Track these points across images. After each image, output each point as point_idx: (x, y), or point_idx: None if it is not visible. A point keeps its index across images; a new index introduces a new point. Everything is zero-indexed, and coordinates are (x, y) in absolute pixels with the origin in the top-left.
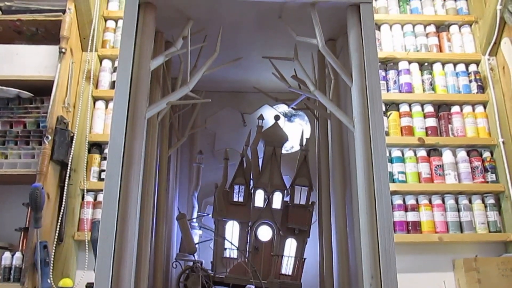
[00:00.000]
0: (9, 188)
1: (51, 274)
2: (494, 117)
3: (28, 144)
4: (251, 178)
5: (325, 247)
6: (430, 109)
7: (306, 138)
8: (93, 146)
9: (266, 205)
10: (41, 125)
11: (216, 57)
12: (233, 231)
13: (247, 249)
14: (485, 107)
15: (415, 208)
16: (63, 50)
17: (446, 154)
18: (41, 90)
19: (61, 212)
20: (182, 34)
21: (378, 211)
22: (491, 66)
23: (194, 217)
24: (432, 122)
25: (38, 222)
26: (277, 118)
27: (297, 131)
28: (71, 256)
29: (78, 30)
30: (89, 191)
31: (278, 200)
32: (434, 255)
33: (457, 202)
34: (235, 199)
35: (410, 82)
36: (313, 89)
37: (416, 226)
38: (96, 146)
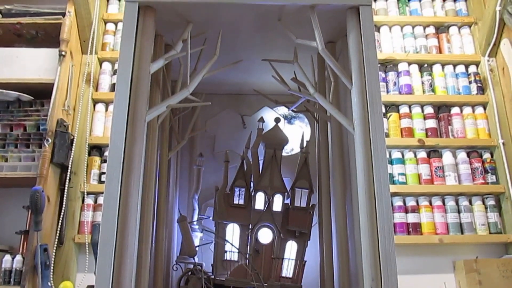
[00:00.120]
0: (9, 191)
1: (52, 277)
2: (494, 118)
3: (28, 147)
4: (252, 180)
5: (325, 250)
6: (430, 110)
7: (307, 141)
8: (93, 148)
9: (266, 207)
10: (41, 128)
11: (215, 60)
12: (233, 234)
13: (248, 251)
14: (485, 108)
15: (416, 209)
16: (63, 53)
17: (446, 155)
18: (41, 93)
19: (61, 215)
20: (182, 37)
21: (379, 213)
22: (491, 67)
23: (195, 219)
24: (432, 123)
25: (39, 225)
26: (277, 120)
27: (297, 133)
28: (72, 259)
29: (78, 33)
30: (89, 194)
31: (278, 202)
32: (435, 257)
33: (457, 203)
34: (236, 202)
35: (410, 83)
36: (313, 91)
37: (416, 228)
38: (96, 149)
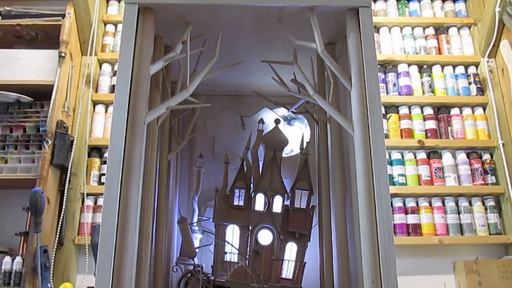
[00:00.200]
0: (9, 192)
1: (52, 278)
2: (493, 119)
3: (28, 148)
4: (252, 182)
5: (325, 251)
6: (429, 111)
7: (306, 142)
8: (93, 150)
9: (266, 209)
10: (41, 129)
11: (215, 61)
12: (233, 235)
13: (248, 253)
14: (484, 109)
15: (415, 210)
16: (63, 54)
17: (446, 156)
18: (41, 94)
19: (61, 216)
20: (181, 38)
21: (378, 214)
22: (490, 68)
23: (195, 221)
24: (431, 124)
25: (38, 227)
26: (277, 121)
27: (296, 135)
28: (71, 260)
29: (77, 34)
30: (89, 195)
31: (278, 204)
32: (435, 258)
33: (457, 204)
34: (236, 203)
35: (410, 84)
36: (312, 93)
37: (416, 229)
38: (96, 150)
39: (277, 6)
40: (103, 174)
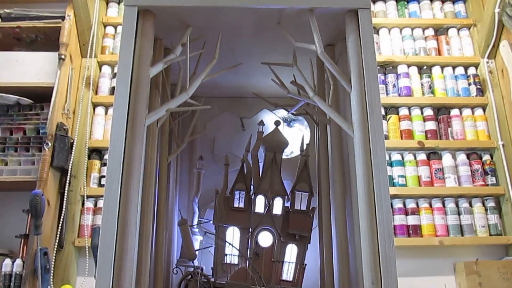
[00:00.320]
0: (9, 195)
1: (52, 280)
2: (493, 120)
3: (28, 150)
4: (252, 183)
5: (325, 253)
6: (429, 112)
7: (307, 144)
8: (93, 152)
9: (266, 211)
10: (41, 131)
11: (215, 63)
12: (233, 237)
13: (248, 255)
14: (484, 110)
15: (416, 211)
16: (63, 56)
17: (446, 157)
18: (40, 96)
19: (61, 218)
20: (181, 41)
21: (378, 216)
22: (490, 69)
23: (195, 223)
24: (431, 125)
25: (39, 229)
26: (277, 123)
27: (296, 136)
28: (72, 262)
29: (77, 37)
30: (89, 197)
31: (278, 206)
32: (435, 259)
33: (457, 205)
34: (236, 205)
35: (409, 85)
36: (312, 94)
37: (416, 230)
38: (96, 152)
39: (276, 8)
40: (103, 176)
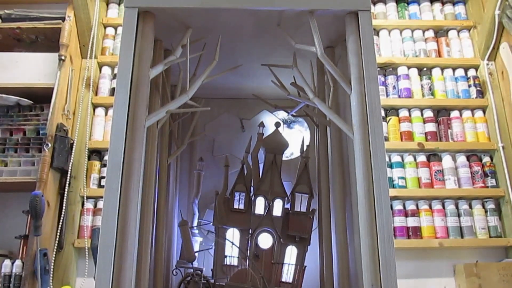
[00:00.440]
0: (9, 195)
1: (51, 282)
2: (493, 121)
3: (28, 151)
4: (252, 185)
5: (325, 254)
6: (429, 114)
7: (307, 145)
8: (93, 153)
9: (266, 212)
10: (41, 132)
11: (215, 65)
12: (233, 239)
13: (248, 256)
14: (484, 112)
15: (415, 213)
16: (63, 57)
17: (446, 159)
18: (41, 97)
19: (61, 219)
20: (181, 42)
21: (378, 218)
22: (490, 70)
23: (195, 224)
24: (431, 127)
25: (38, 230)
26: (277, 125)
27: (296, 138)
28: (71, 263)
29: (77, 38)
30: (89, 198)
31: (278, 207)
32: (435, 261)
33: (457, 207)
34: (236, 207)
35: (409, 87)
36: (312, 96)
37: (416, 232)
38: (96, 153)
39: (276, 9)
40: (103, 177)
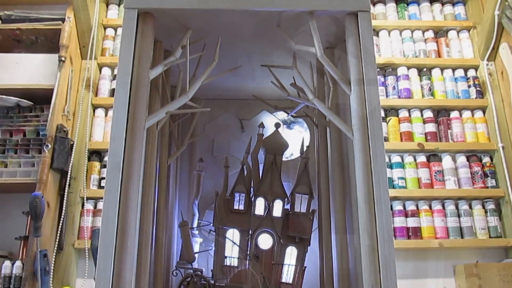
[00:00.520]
0: (9, 196)
1: (51, 282)
2: (493, 122)
3: (28, 152)
4: (252, 186)
5: (325, 255)
6: (429, 114)
7: (306, 146)
8: (92, 154)
9: (266, 213)
10: (40, 133)
11: (215, 65)
12: (233, 239)
13: (248, 257)
14: (484, 112)
15: (415, 213)
16: (63, 58)
17: (446, 159)
18: (40, 98)
19: (61, 220)
20: (181, 43)
21: (378, 218)
22: (490, 71)
23: (195, 225)
24: (431, 127)
25: (38, 231)
26: (277, 126)
27: (296, 138)
28: (71, 264)
29: (77, 39)
30: (89, 199)
31: (278, 208)
32: (435, 261)
33: (457, 207)
34: (236, 207)
35: (409, 87)
36: (312, 97)
37: (416, 232)
38: (95, 154)
39: (276, 10)
40: (103, 178)
